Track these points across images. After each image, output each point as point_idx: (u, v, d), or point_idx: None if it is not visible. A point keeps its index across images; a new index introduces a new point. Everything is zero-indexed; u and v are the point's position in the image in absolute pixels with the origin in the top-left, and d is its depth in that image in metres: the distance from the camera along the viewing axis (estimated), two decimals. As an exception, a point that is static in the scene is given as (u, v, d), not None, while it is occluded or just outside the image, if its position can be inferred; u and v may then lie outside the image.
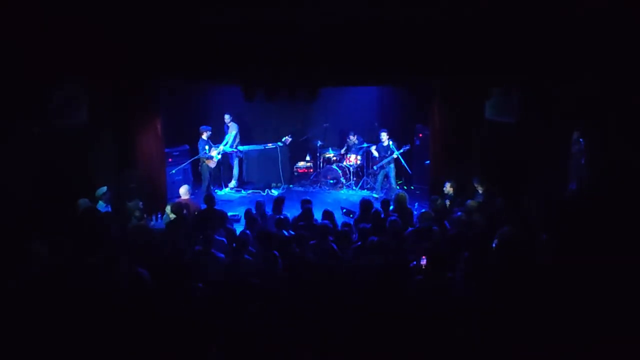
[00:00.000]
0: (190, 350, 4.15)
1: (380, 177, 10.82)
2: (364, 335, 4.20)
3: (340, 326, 4.25)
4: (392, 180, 10.74)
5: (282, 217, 7.27)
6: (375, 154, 10.87)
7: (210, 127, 10.62)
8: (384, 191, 10.79)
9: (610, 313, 4.29)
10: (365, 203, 7.72)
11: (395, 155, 10.54)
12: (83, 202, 7.29)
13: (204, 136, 10.46)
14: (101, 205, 7.61)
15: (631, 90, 6.52)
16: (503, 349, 4.09)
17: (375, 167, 10.87)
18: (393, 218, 6.90)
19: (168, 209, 7.74)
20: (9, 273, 5.18)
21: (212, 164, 10.56)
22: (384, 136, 10.60)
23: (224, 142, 11.02)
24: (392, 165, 10.64)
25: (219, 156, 10.75)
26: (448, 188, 8.32)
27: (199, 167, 10.63)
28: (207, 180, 10.51)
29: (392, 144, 10.59)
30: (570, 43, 6.80)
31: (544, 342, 4.09)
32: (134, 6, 6.86)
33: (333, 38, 7.37)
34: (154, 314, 4.46)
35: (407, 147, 10.62)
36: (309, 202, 7.65)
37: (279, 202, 7.70)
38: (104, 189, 7.71)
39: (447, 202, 8.08)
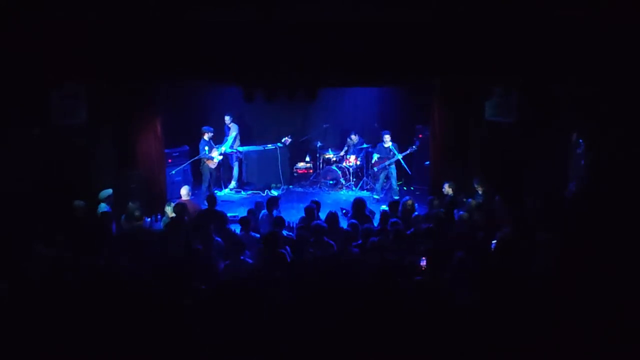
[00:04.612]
0: (189, 351, 4.16)
1: (381, 178, 10.79)
2: (363, 335, 4.20)
3: (339, 326, 4.25)
4: (394, 181, 10.71)
5: (277, 216, 7.28)
6: (376, 156, 10.82)
7: (212, 128, 10.62)
8: (384, 192, 10.78)
9: (610, 313, 4.29)
10: (358, 202, 7.70)
11: (397, 158, 10.48)
12: (78, 203, 7.29)
13: (206, 137, 10.47)
14: (103, 207, 7.59)
15: (630, 90, 6.53)
16: (502, 350, 4.08)
17: (376, 168, 10.83)
18: (395, 220, 6.89)
19: (168, 209, 7.73)
20: (10, 273, 5.18)
21: (212, 165, 10.56)
22: (387, 138, 10.55)
23: (225, 143, 11.00)
24: (393, 166, 10.62)
25: (220, 157, 10.75)
26: (447, 189, 8.31)
27: (200, 167, 10.64)
28: (208, 181, 10.52)
29: (393, 146, 10.56)
30: (570, 43, 6.81)
31: (543, 342, 4.09)
32: (134, 6, 6.87)
33: (333, 38, 7.37)
34: (154, 314, 4.46)
35: (414, 149, 10.60)
36: (314, 202, 7.64)
37: (272, 202, 7.69)
38: (109, 191, 7.70)
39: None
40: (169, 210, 7.63)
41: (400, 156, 10.43)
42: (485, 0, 6.97)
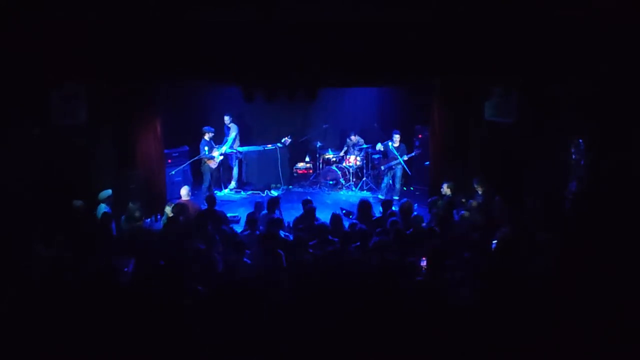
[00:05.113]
0: (189, 351, 4.16)
1: (387, 178, 10.75)
2: (363, 335, 4.20)
3: (339, 326, 4.25)
4: (398, 182, 10.70)
5: (275, 217, 7.27)
6: (382, 148, 10.74)
7: (213, 129, 10.64)
8: (385, 190, 10.75)
9: (610, 313, 4.29)
10: (364, 204, 7.69)
11: (404, 159, 10.45)
12: (77, 203, 7.29)
13: (206, 137, 10.48)
14: (103, 208, 7.59)
15: (630, 90, 6.53)
16: (502, 350, 4.09)
17: (383, 167, 10.81)
18: (394, 219, 6.89)
19: (168, 209, 7.73)
20: (10, 273, 5.18)
21: (213, 165, 10.58)
22: (397, 138, 10.52)
23: (226, 144, 11.00)
24: (400, 167, 10.60)
25: (221, 157, 10.76)
26: (445, 189, 8.30)
27: (201, 168, 10.64)
28: (209, 181, 10.53)
29: (401, 147, 10.52)
30: (570, 43, 6.81)
31: (543, 342, 4.09)
32: (133, 6, 6.87)
33: (333, 38, 7.37)
34: (154, 315, 4.46)
35: (418, 152, 10.60)
36: (310, 202, 7.64)
37: (273, 203, 7.68)
38: (109, 192, 7.70)
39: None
40: (169, 211, 7.63)
41: (402, 159, 10.39)
42: (485, 0, 6.96)
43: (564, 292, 4.63)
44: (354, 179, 11.51)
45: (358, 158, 11.49)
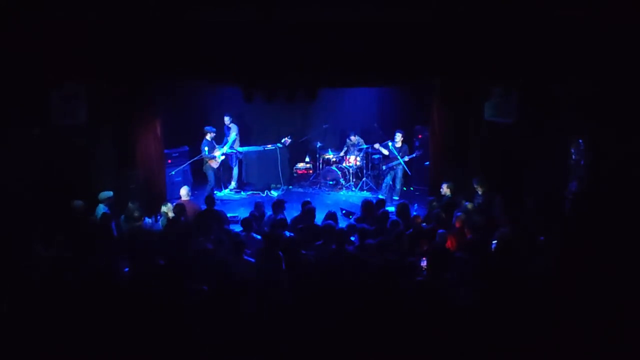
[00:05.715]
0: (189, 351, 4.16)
1: (387, 178, 10.73)
2: (363, 335, 4.20)
3: (339, 326, 4.25)
4: (398, 182, 10.67)
5: (278, 218, 7.26)
6: (385, 152, 10.72)
7: (214, 129, 10.64)
8: (386, 190, 10.73)
9: (610, 313, 4.29)
10: (367, 204, 7.68)
11: (405, 160, 10.42)
12: (77, 203, 7.30)
13: (208, 137, 10.48)
14: (102, 208, 7.59)
15: (630, 90, 6.53)
16: (502, 350, 4.09)
17: (384, 167, 10.79)
18: (394, 219, 6.89)
19: (164, 209, 7.73)
20: (10, 273, 5.19)
21: (214, 164, 10.58)
22: (399, 138, 10.50)
23: (227, 144, 11.00)
24: (400, 167, 10.57)
25: (222, 157, 10.77)
26: (445, 189, 8.29)
27: (203, 168, 10.64)
28: (213, 182, 10.54)
29: (403, 148, 10.49)
30: (570, 43, 6.82)
31: (543, 342, 4.09)
32: (133, 6, 6.87)
33: (333, 38, 7.37)
34: (154, 315, 4.46)
35: (419, 153, 10.59)
36: (309, 202, 7.62)
37: (278, 205, 7.66)
38: (109, 193, 7.70)
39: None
40: (166, 210, 7.64)
41: (402, 160, 10.37)
42: (485, 0, 6.97)
43: (564, 292, 4.63)
44: (354, 179, 11.51)
45: (358, 158, 11.49)
